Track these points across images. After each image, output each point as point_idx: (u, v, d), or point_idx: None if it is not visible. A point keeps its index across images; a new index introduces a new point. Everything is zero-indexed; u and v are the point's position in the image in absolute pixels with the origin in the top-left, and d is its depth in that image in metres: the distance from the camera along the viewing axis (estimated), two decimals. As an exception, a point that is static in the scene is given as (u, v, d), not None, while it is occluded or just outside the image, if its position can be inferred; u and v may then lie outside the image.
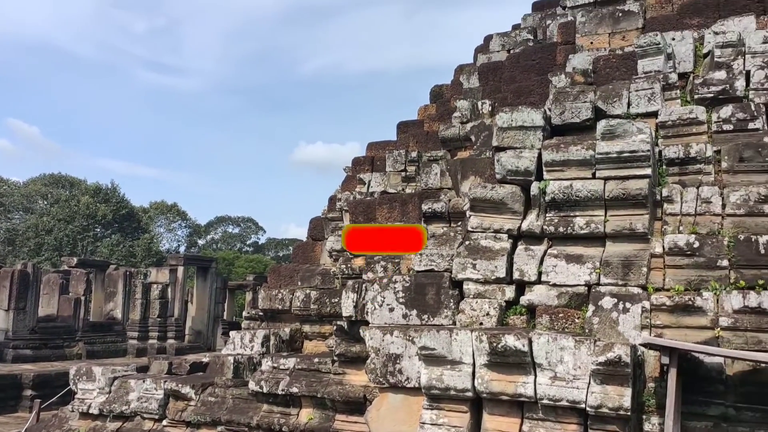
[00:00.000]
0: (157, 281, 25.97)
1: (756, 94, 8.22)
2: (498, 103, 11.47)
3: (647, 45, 8.92)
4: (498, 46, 12.88)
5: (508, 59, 12.30)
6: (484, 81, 12.42)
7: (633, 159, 7.57)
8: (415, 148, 12.22)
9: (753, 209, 7.39)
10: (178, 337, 25.91)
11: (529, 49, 12.13)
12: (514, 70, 11.93)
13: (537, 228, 7.86)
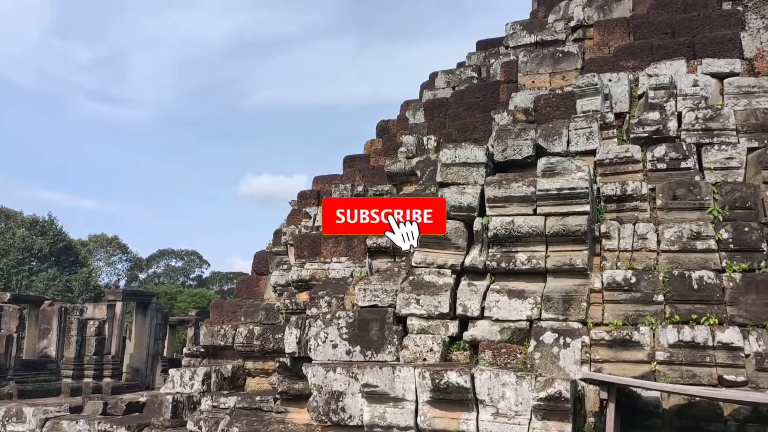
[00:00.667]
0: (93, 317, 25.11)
1: (687, 134, 8.53)
2: (443, 138, 11.62)
3: (585, 86, 9.20)
4: (443, 83, 13.10)
5: (453, 96, 12.51)
6: (429, 117, 12.58)
7: (572, 196, 7.74)
8: (362, 182, 12.24)
9: (686, 245, 7.63)
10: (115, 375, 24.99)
11: (473, 87, 12.37)
12: (458, 107, 12.12)
13: (480, 263, 7.93)
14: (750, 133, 8.38)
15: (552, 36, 11.72)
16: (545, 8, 12.84)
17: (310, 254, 10.42)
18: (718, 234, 7.55)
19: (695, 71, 9.40)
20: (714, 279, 7.25)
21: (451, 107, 12.25)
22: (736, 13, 10.18)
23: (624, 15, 11.24)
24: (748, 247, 7.43)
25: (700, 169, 8.32)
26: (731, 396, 6.15)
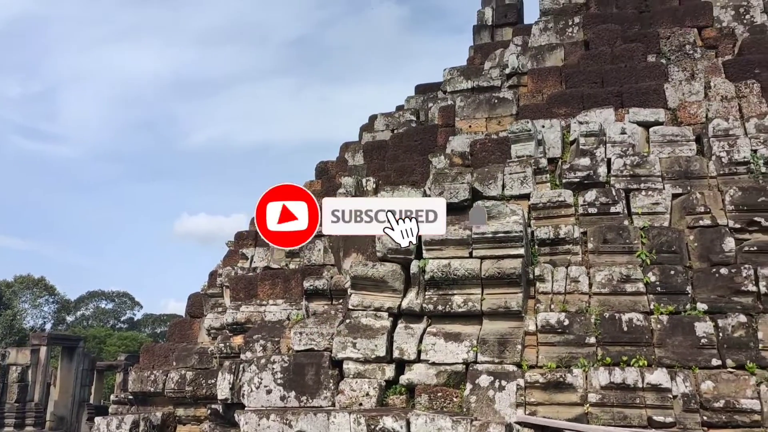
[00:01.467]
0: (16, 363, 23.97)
1: (616, 180, 8.82)
2: (382, 180, 11.69)
3: (519, 131, 9.45)
4: (382, 125, 13.25)
5: (391, 138, 12.65)
6: (368, 159, 12.66)
7: (507, 239, 7.87)
8: (303, 223, 12.13)
9: (616, 288, 7.82)
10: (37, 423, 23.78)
11: (411, 130, 12.54)
12: (397, 150, 12.25)
13: (417, 306, 7.93)
14: (674, 179, 8.72)
15: (488, 82, 12.04)
16: (482, 55, 13.22)
17: (246, 296, 10.23)
18: (646, 277, 7.77)
19: (623, 119, 9.77)
20: (643, 321, 7.44)
21: (390, 150, 12.37)
22: (660, 66, 10.69)
23: (556, 64, 11.65)
24: (674, 289, 7.66)
25: (628, 214, 8.58)
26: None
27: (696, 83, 10.21)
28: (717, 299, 7.53)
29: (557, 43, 11.82)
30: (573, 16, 12.06)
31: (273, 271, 10.68)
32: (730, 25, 11.27)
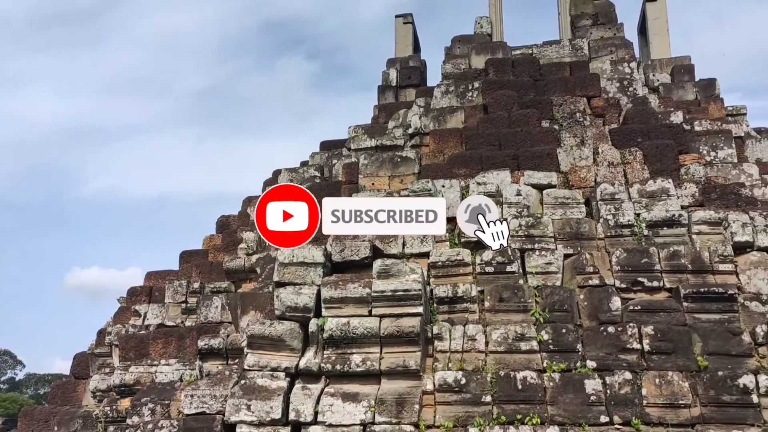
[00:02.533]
0: None
1: (512, 240, 9.09)
2: (284, 236, 11.56)
3: (420, 190, 9.64)
4: (286, 180, 13.17)
5: (295, 194, 12.58)
6: (271, 214, 12.52)
7: (406, 297, 7.92)
8: (198, 278, 11.80)
9: (511, 346, 7.98)
10: None
11: (315, 186, 12.52)
12: (300, 205, 12.19)
13: (315, 366, 7.80)
14: (566, 240, 9.09)
15: (391, 141, 12.26)
16: (386, 114, 13.49)
17: (136, 356, 9.75)
18: (539, 335, 7.98)
19: (519, 181, 10.15)
20: (536, 379, 7.59)
21: (293, 205, 12.29)
22: (553, 131, 11.24)
23: (457, 126, 12.04)
24: (565, 348, 7.89)
25: (524, 273, 8.84)
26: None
27: (585, 149, 10.79)
28: (605, 357, 7.80)
29: (458, 106, 12.24)
30: (473, 80, 12.56)
31: (167, 329, 10.26)
32: (616, 96, 12.04)
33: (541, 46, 13.27)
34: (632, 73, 12.51)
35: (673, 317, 8.08)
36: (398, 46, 14.87)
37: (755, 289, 8.25)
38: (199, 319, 10.25)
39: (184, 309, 11.11)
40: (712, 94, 12.68)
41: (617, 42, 13.13)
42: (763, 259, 8.48)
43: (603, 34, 13.38)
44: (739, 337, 7.70)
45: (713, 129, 11.43)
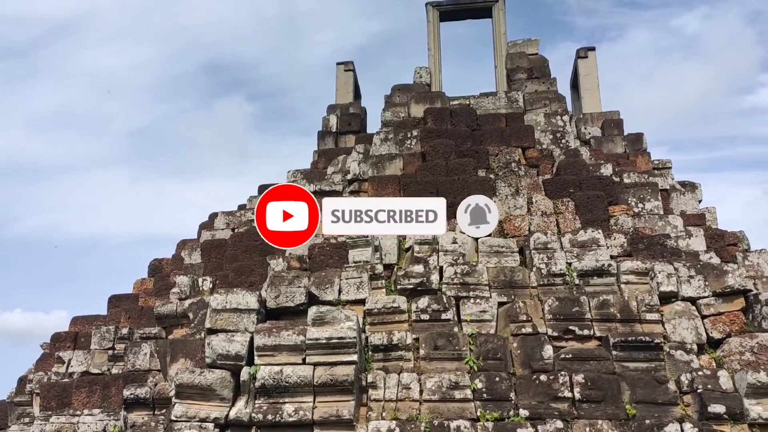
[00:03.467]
0: None
1: (448, 287, 9.16)
2: (219, 280, 11.37)
3: (357, 237, 9.65)
4: (223, 224, 13.02)
5: (231, 238, 12.43)
6: (206, 257, 12.32)
7: (341, 345, 7.85)
8: (127, 324, 11.44)
9: (445, 395, 7.96)
10: None
11: (252, 230, 12.39)
12: (237, 249, 12.04)
13: (245, 416, 7.61)
14: (500, 288, 9.21)
15: (330, 186, 12.29)
16: (325, 160, 13.55)
17: (58, 405, 9.31)
18: (473, 384, 7.99)
19: (455, 229, 10.28)
20: (470, 428, 7.58)
21: (230, 249, 12.13)
22: (489, 180, 11.47)
23: (395, 173, 12.16)
24: (498, 396, 7.92)
25: (458, 321, 8.89)
26: None
27: (520, 198, 11.04)
28: (537, 405, 7.86)
29: (397, 153, 12.40)
30: (412, 129, 12.77)
31: (92, 377, 9.86)
32: (549, 148, 12.42)
33: (479, 97, 13.64)
34: (565, 126, 12.94)
35: (602, 365, 8.23)
36: (339, 93, 15.04)
37: (680, 338, 8.50)
38: (126, 367, 9.89)
39: (111, 356, 10.72)
40: (639, 147, 13.21)
41: (551, 96, 13.60)
42: (687, 308, 8.77)
43: (537, 88, 13.85)
44: (665, 385, 7.88)
45: (641, 181, 11.88)
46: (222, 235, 12.74)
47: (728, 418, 7.49)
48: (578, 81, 14.85)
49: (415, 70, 14.21)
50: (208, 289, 11.29)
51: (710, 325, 8.62)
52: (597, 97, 14.39)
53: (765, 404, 7.50)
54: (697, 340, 8.47)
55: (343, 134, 14.30)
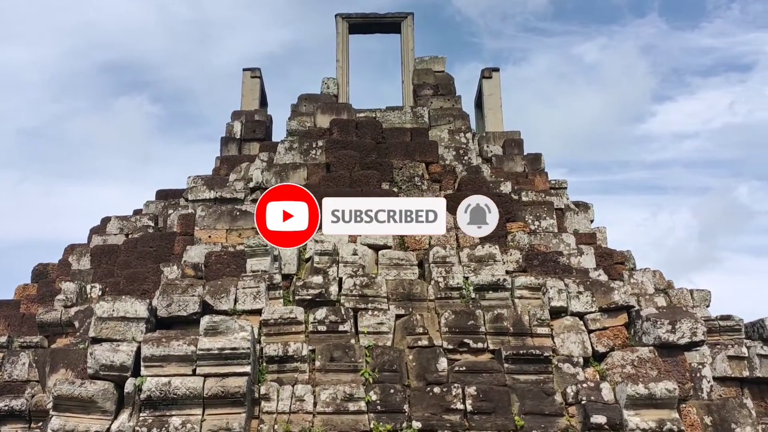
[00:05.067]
0: None
1: (346, 299, 9.13)
2: (110, 288, 10.89)
3: (256, 246, 9.47)
4: (116, 229, 12.47)
5: (125, 244, 11.93)
6: (96, 263, 11.77)
7: (234, 356, 7.65)
8: (7, 331, 10.73)
9: (339, 407, 7.91)
10: None
11: (148, 236, 11.97)
12: (130, 255, 11.57)
13: (128, 429, 7.29)
14: (398, 301, 9.25)
15: (231, 194, 12.04)
16: (228, 167, 13.26)
17: None
18: (368, 396, 7.98)
19: (356, 241, 10.27)
20: (362, 441, 7.54)
21: (122, 255, 11.64)
22: (392, 193, 11.54)
23: (299, 182, 11.99)
24: (392, 408, 7.94)
25: (356, 333, 8.86)
26: None
27: (421, 212, 11.15)
28: (430, 417, 7.93)
29: (301, 163, 12.30)
30: (317, 139, 12.71)
31: (-37, 388, 9.16)
32: (452, 164, 12.65)
33: (385, 110, 13.74)
34: (468, 143, 13.23)
35: (495, 378, 8.41)
36: (245, 99, 14.78)
37: (568, 351, 8.80)
38: (2, 377, 9.26)
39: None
40: (538, 167, 13.66)
41: (455, 113, 13.88)
42: (576, 323, 9.10)
43: (443, 104, 14.10)
44: (552, 397, 8.14)
45: (538, 200, 12.29)
46: (114, 240, 12.21)
47: (609, 428, 7.80)
48: (482, 100, 15.23)
49: (323, 81, 14.17)
50: (96, 297, 10.77)
51: (596, 339, 8.98)
52: (500, 117, 14.80)
53: (643, 415, 7.87)
54: (583, 353, 8.80)
55: (247, 141, 14.04)
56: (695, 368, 8.82)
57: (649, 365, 8.43)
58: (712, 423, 8.32)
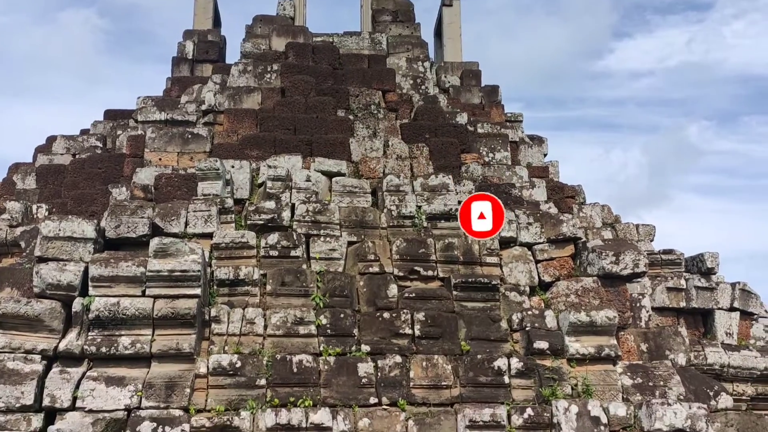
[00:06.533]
0: None
1: (299, 225, 9.11)
2: (57, 208, 10.64)
3: (207, 169, 9.32)
4: (62, 148, 12.10)
5: (72, 164, 11.60)
6: (42, 183, 11.46)
7: (184, 278, 7.62)
8: (-52, 251, 10.45)
9: (290, 330, 8.00)
10: None
11: (96, 157, 11.66)
12: (77, 176, 11.28)
13: (77, 348, 7.26)
14: (351, 228, 9.28)
15: (183, 116, 11.75)
16: (179, 88, 12.89)
17: None
18: (318, 320, 8.08)
19: (310, 167, 10.20)
20: (312, 363, 7.68)
21: (70, 175, 11.34)
22: (347, 121, 11.44)
23: (253, 107, 11.81)
24: (342, 332, 8.07)
25: (308, 258, 8.89)
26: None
27: (377, 141, 11.13)
28: (379, 341, 8.10)
29: (255, 87, 12.02)
30: (272, 62, 12.40)
31: None
32: (409, 93, 12.55)
33: (342, 35, 13.46)
34: (426, 73, 13.10)
35: (443, 305, 8.59)
36: (197, 18, 14.23)
37: (515, 280, 9.03)
38: (-56, 296, 9.06)
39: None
40: (495, 99, 13.66)
41: (414, 41, 13.68)
42: (524, 253, 9.31)
43: (401, 32, 13.87)
44: (498, 323, 8.38)
45: (493, 132, 12.33)
46: (61, 160, 11.86)
47: (551, 353, 8.11)
48: (442, 29, 14.99)
49: (279, 2, 13.72)
50: (43, 217, 10.51)
51: (543, 269, 9.22)
52: (459, 47, 14.63)
53: (583, 341, 8.20)
54: (530, 282, 9.05)
55: (199, 62, 13.61)
56: (635, 298, 9.18)
57: (592, 294, 8.72)
58: (648, 349, 8.73)
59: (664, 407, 7.59)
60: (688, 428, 7.52)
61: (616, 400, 7.90)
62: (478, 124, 12.45)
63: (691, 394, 8.22)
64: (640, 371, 8.30)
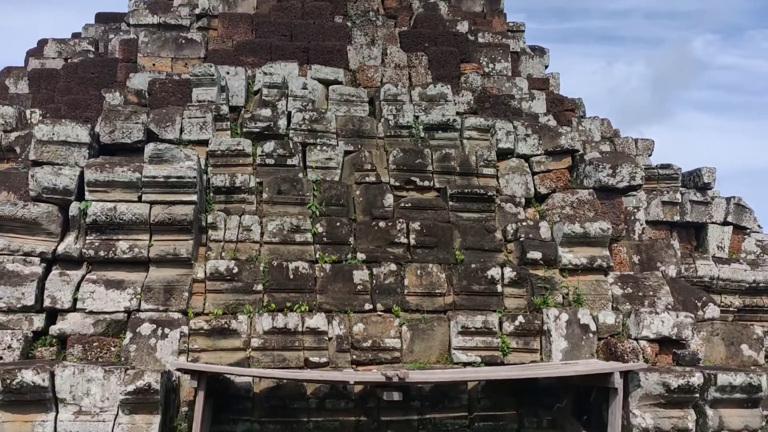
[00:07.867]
0: None
1: (295, 133, 9.04)
2: (50, 113, 10.50)
3: (202, 75, 9.15)
4: (54, 52, 11.82)
5: (64, 68, 11.38)
6: (35, 88, 11.26)
7: (180, 185, 7.62)
8: (-57, 156, 10.39)
9: (286, 238, 8.07)
10: None
11: (88, 61, 11.41)
12: (70, 81, 11.08)
13: (75, 251, 7.33)
14: (348, 137, 9.21)
15: (176, 20, 11.42)
16: (173, -9, 12.46)
17: None
18: (314, 228, 8.14)
19: (306, 75, 10.01)
20: (308, 269, 7.80)
21: (63, 80, 11.14)
22: (345, 28, 11.15)
23: (248, 11, 11.47)
24: (338, 240, 8.15)
25: (304, 167, 8.87)
26: (311, 376, 6.67)
27: (375, 49, 10.87)
28: (374, 249, 8.19)
29: (250, -10, 11.63)
30: (268, -35, 11.95)
31: None
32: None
33: (341, -62, 12.90)
34: (426, -22, 12.65)
35: (439, 215, 8.65)
36: None
37: (511, 192, 9.05)
38: (-59, 200, 9.07)
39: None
40: (497, 8, 13.25)
41: (415, -56, 13.14)
42: (521, 165, 9.28)
43: (402, -65, 13.29)
44: (493, 234, 8.46)
45: (494, 42, 12.03)
46: (53, 64, 11.62)
47: (543, 263, 8.23)
48: (444, -67, 14.39)
49: None
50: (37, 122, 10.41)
51: (539, 181, 9.22)
52: (461, -48, 14.07)
53: (576, 252, 8.30)
54: (526, 194, 9.07)
55: (193, -36, 13.11)
56: (630, 211, 9.24)
57: (587, 207, 8.77)
58: (640, 261, 8.85)
59: (652, 316, 7.78)
60: (674, 336, 7.74)
61: (606, 308, 8.08)
62: (479, 33, 12.13)
63: (679, 304, 8.40)
64: (630, 282, 8.44)
